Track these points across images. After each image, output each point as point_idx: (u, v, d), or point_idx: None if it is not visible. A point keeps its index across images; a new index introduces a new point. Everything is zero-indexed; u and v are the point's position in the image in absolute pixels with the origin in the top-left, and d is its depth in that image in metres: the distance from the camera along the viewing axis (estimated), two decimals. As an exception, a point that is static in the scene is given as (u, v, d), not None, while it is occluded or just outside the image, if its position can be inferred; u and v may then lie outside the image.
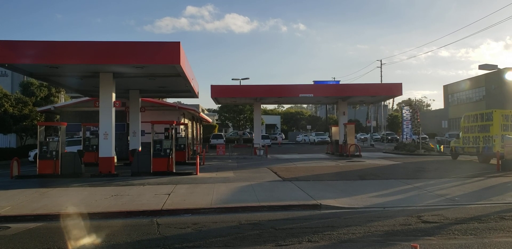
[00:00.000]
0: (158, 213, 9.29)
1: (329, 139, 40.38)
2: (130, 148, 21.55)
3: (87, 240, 7.02)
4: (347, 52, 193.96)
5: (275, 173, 16.60)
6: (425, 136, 43.78)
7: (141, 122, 22.20)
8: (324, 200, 10.32)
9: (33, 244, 6.88)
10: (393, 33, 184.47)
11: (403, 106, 39.42)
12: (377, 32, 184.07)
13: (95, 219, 8.82)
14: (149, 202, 10.19)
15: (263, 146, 28.89)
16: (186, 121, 30.21)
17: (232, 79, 49.03)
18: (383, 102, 53.17)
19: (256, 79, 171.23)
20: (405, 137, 34.51)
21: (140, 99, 22.30)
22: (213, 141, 41.06)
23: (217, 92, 27.14)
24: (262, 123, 53.84)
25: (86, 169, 16.43)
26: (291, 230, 7.61)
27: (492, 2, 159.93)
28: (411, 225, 7.91)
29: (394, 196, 11.22)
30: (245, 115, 51.95)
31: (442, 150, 28.86)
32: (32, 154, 22.88)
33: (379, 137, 53.78)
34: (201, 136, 44.44)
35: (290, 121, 78.10)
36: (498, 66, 17.99)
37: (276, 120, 75.27)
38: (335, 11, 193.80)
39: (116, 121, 16.57)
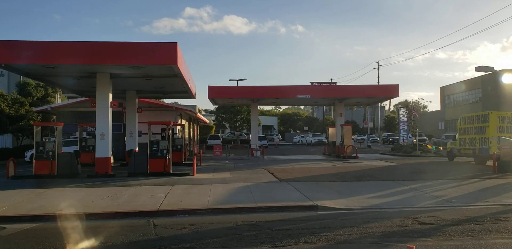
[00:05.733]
0: (155, 213, 9.27)
1: (326, 140, 40.52)
2: (127, 149, 21.51)
3: (84, 241, 7.00)
4: (344, 54, 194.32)
5: (272, 174, 16.60)
6: (424, 137, 43.79)
7: (138, 123, 22.15)
8: (320, 201, 10.33)
9: (29, 244, 6.86)
10: (390, 35, 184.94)
11: (400, 107, 39.48)
12: (374, 33, 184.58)
13: (92, 219, 8.80)
14: (146, 203, 10.18)
15: (260, 147, 28.92)
16: (183, 122, 30.17)
17: (229, 80, 49.06)
18: (380, 103, 53.25)
19: (253, 80, 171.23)
20: (402, 138, 34.60)
21: (137, 100, 22.27)
22: (210, 142, 41.06)
23: (214, 93, 27.13)
24: (259, 124, 53.87)
25: (82, 169, 16.40)
26: (287, 231, 7.61)
27: (488, 5, 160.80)
28: (407, 226, 7.93)
29: (390, 197, 11.24)
30: (242, 116, 51.87)
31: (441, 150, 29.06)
32: (28, 154, 22.81)
33: (376, 138, 53.81)
34: (198, 136, 44.37)
35: (287, 122, 78.08)
36: (495, 68, 18.02)
37: (273, 121, 75.20)
38: (333, 12, 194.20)
39: (113, 122, 16.53)
